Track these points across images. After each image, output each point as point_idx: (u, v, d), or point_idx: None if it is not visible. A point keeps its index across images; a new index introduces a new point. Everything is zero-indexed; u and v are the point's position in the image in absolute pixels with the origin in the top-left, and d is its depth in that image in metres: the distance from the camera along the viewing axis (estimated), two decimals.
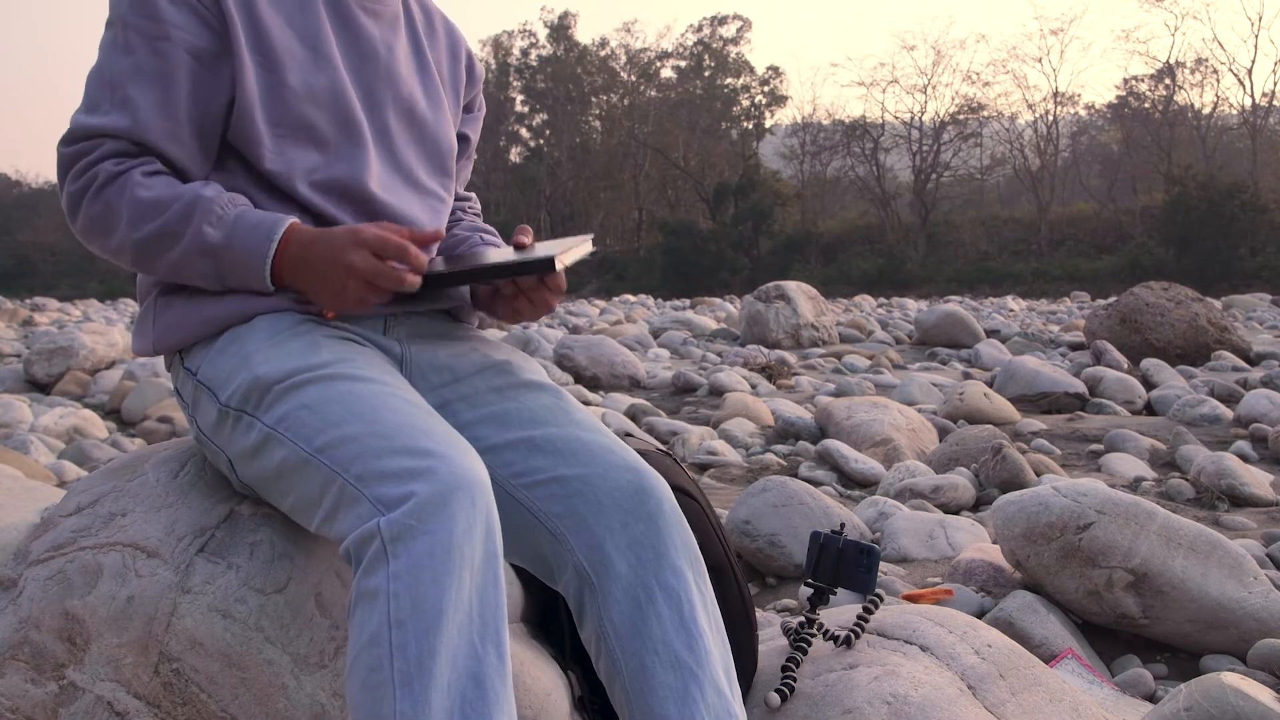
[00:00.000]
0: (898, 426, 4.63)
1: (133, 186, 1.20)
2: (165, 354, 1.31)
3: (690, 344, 9.89)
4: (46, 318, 15.75)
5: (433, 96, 1.42)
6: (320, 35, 1.30)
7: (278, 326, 1.21)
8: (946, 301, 20.35)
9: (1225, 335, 8.33)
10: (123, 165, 1.21)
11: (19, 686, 1.19)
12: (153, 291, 1.32)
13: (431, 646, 0.95)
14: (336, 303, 1.20)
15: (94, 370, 7.16)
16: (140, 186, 1.20)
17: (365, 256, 1.16)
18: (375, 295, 1.19)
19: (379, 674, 0.95)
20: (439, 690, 0.94)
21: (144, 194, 1.20)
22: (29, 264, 45.98)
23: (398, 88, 1.36)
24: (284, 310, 1.24)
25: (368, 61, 1.34)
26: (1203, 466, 3.63)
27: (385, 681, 0.94)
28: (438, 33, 1.49)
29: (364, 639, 0.97)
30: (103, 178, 1.21)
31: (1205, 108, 41.45)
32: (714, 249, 36.83)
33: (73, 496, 1.36)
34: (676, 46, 50.09)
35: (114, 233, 1.21)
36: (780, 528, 2.66)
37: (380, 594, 0.97)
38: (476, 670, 0.97)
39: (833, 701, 1.28)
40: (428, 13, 1.49)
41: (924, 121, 44.01)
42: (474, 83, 1.55)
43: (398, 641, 0.95)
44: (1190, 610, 2.03)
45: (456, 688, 0.95)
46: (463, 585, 0.98)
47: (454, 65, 1.50)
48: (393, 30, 1.38)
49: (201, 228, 1.19)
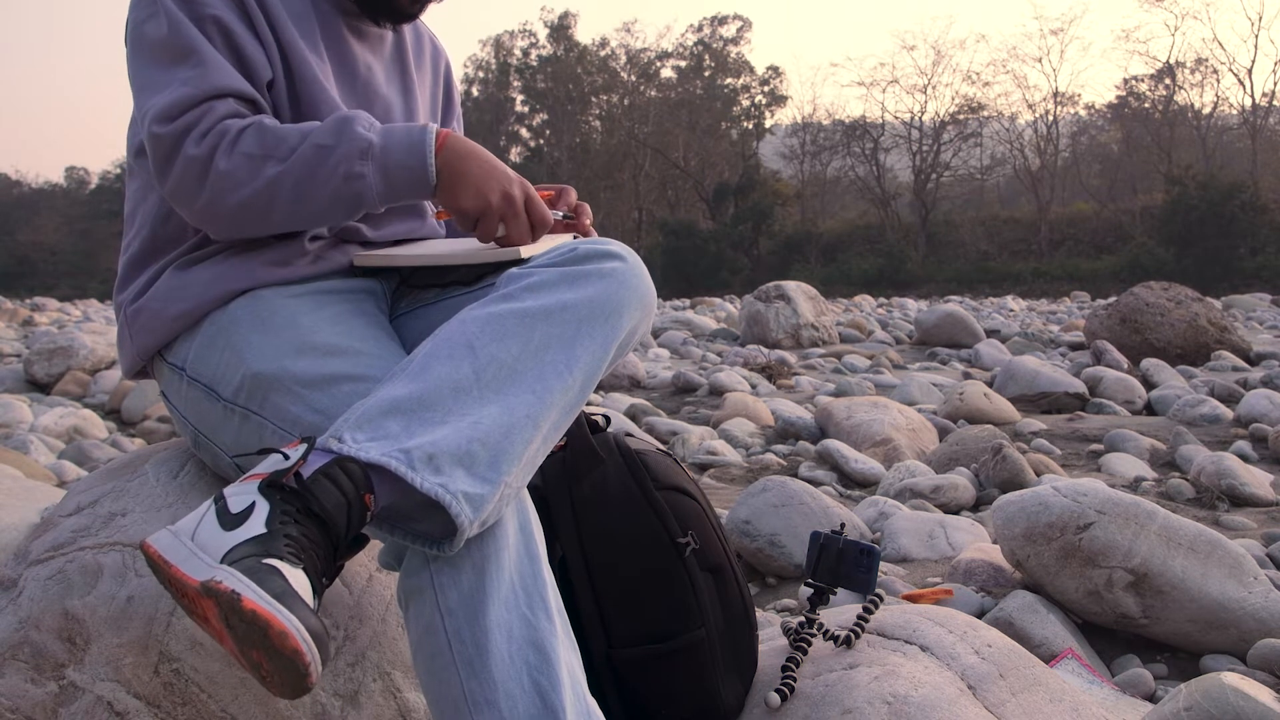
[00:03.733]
0: (898, 426, 4.63)
1: (268, 129, 1.20)
2: (148, 358, 1.31)
3: (690, 344, 9.88)
4: (46, 318, 15.74)
5: (410, 114, 1.49)
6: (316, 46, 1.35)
7: (259, 309, 1.22)
8: (946, 301, 20.35)
9: (1225, 335, 8.33)
10: (247, 119, 1.21)
11: (19, 686, 1.19)
12: (122, 307, 1.33)
13: (484, 626, 1.00)
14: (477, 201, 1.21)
15: (94, 370, 7.16)
16: (276, 126, 1.20)
17: (527, 186, 1.25)
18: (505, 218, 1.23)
19: (441, 659, 1.00)
20: (500, 664, 0.99)
21: (284, 129, 1.20)
22: (29, 264, 45.95)
23: (372, 104, 1.42)
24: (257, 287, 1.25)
25: (350, 78, 1.40)
26: (1203, 466, 3.63)
27: (449, 665, 1.00)
28: (425, 53, 1.57)
29: (420, 628, 1.02)
30: (233, 132, 1.19)
31: (1205, 108, 41.49)
32: (714, 249, 36.82)
33: (73, 496, 1.36)
34: (676, 46, 50.12)
35: (257, 177, 1.18)
36: (780, 528, 2.66)
37: (426, 589, 1.02)
38: (534, 637, 1.02)
39: (833, 701, 1.28)
40: (418, 32, 1.56)
41: (924, 121, 44.04)
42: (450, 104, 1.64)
43: (452, 628, 1.00)
44: (1190, 610, 2.03)
45: (520, 657, 1.00)
46: (502, 565, 1.03)
47: (435, 82, 1.58)
48: (375, 52, 1.45)
49: (355, 130, 1.19)
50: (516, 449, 1.03)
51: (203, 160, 1.18)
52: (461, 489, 0.98)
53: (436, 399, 1.02)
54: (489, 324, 1.07)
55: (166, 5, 1.23)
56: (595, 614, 1.29)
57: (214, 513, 0.95)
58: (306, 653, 0.84)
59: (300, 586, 0.88)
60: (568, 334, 1.09)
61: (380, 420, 1.00)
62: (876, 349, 9.56)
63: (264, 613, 0.83)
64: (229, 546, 0.90)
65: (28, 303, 22.54)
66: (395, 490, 0.99)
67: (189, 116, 1.19)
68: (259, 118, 1.21)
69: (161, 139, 1.19)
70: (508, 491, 1.03)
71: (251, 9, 1.28)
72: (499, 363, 1.05)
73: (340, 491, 0.95)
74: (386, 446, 0.98)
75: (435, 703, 1.02)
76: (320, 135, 1.18)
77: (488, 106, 48.91)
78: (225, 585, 0.85)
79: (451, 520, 0.98)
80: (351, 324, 1.22)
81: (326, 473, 0.95)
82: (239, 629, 0.85)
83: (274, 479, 0.95)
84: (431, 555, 1.02)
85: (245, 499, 0.94)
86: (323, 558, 0.94)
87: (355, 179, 1.18)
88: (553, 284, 1.11)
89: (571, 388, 1.09)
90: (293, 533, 0.92)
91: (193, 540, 0.93)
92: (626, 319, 1.15)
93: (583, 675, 1.06)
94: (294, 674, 0.85)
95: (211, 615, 0.88)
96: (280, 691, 0.88)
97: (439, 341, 1.07)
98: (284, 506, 0.94)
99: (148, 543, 0.95)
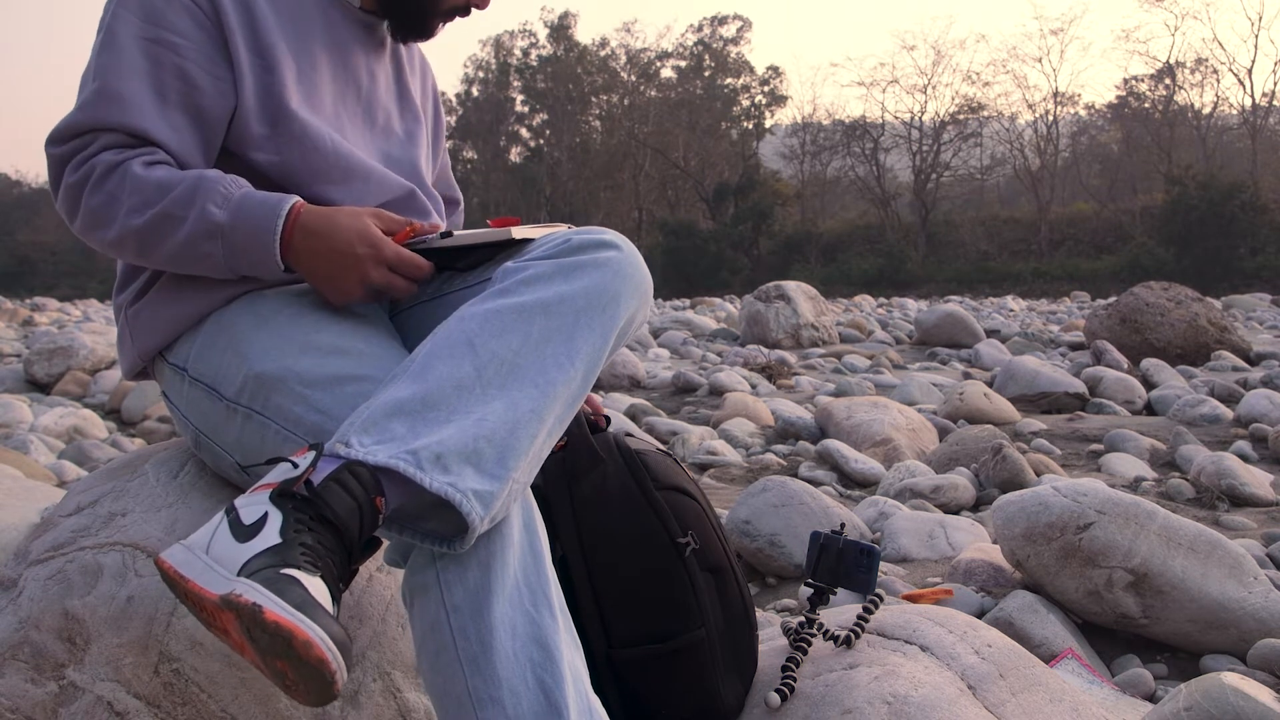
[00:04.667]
0: (898, 426, 4.63)
1: (133, 175, 1.20)
2: (149, 359, 1.31)
3: (690, 344, 9.88)
4: (46, 318, 15.74)
5: (408, 120, 1.50)
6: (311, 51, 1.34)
7: (261, 308, 1.22)
8: (946, 301, 20.34)
9: (1225, 335, 8.32)
10: (122, 155, 1.21)
11: (19, 686, 1.19)
12: (122, 308, 1.33)
13: (489, 623, 1.00)
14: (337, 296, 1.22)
15: (94, 370, 7.16)
16: (140, 174, 1.20)
17: (382, 272, 1.20)
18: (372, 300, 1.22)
19: (445, 655, 1.00)
20: (504, 660, 0.99)
21: (145, 181, 1.20)
22: (29, 264, 45.96)
23: (374, 113, 1.43)
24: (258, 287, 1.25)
25: (355, 87, 1.41)
26: (1203, 466, 3.63)
27: (453, 662, 1.00)
28: (415, 63, 1.59)
29: (425, 625, 1.03)
30: (101, 168, 1.20)
31: (1205, 108, 41.49)
32: (714, 249, 36.82)
33: (73, 496, 1.36)
34: (676, 46, 50.12)
35: (114, 223, 1.21)
36: (780, 528, 2.66)
37: (432, 586, 1.03)
38: (538, 634, 1.02)
39: (833, 701, 1.28)
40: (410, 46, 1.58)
41: (924, 121, 44.03)
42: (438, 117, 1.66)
43: (457, 625, 1.00)
44: (1190, 610, 2.03)
45: (524, 654, 1.00)
46: (507, 562, 1.03)
47: (423, 94, 1.60)
48: (378, 59, 1.46)
49: (206, 208, 1.19)
50: (522, 444, 1.03)
51: (74, 191, 1.22)
52: (471, 487, 0.98)
53: (440, 398, 1.02)
54: (488, 320, 1.07)
55: (125, 18, 1.23)
56: (595, 614, 1.29)
57: (227, 525, 0.94)
58: (331, 661, 0.84)
59: (320, 595, 0.88)
60: (566, 326, 1.09)
61: (385, 423, 1.00)
62: (876, 349, 9.56)
63: (287, 623, 0.83)
64: (245, 558, 0.90)
65: (28, 303, 22.54)
66: (405, 491, 1.00)
67: (74, 144, 1.22)
68: (130, 161, 1.21)
69: (50, 160, 1.24)
70: (515, 487, 1.03)
71: (230, 27, 1.26)
72: (500, 359, 1.05)
73: (351, 496, 0.95)
74: (394, 449, 0.98)
75: (439, 699, 1.02)
76: (174, 203, 1.19)
77: (488, 106, 48.90)
78: (246, 598, 0.85)
79: (462, 519, 0.98)
80: (353, 323, 1.22)
81: (337, 478, 0.95)
82: (262, 641, 0.85)
83: (284, 488, 0.95)
84: (439, 553, 1.03)
85: (257, 510, 0.94)
86: (338, 564, 0.95)
87: (203, 256, 1.21)
88: (548, 276, 1.11)
89: (573, 379, 1.09)
90: (308, 541, 0.92)
91: (207, 554, 0.93)
92: (624, 308, 1.14)
93: (586, 672, 1.06)
94: (320, 682, 0.85)
95: (232, 628, 0.88)
96: (306, 700, 0.88)
97: (439, 340, 1.07)
98: (297, 515, 0.94)
99: (162, 558, 0.95)
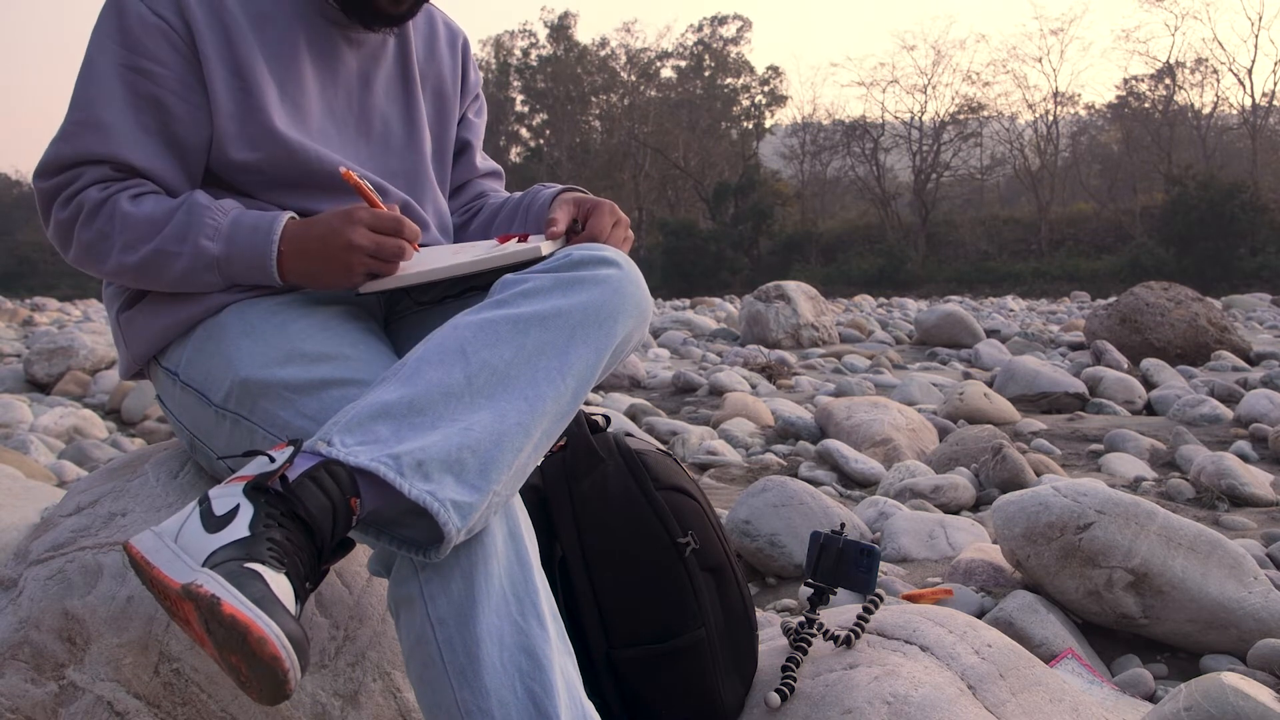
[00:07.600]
0: (898, 426, 4.63)
1: (121, 211, 1.20)
2: (143, 364, 1.31)
3: (690, 344, 9.88)
4: (46, 318, 15.74)
5: (411, 120, 1.44)
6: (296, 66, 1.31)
7: (250, 316, 1.22)
8: (946, 301, 20.33)
9: (1225, 335, 8.32)
10: (108, 190, 1.21)
11: (19, 686, 1.19)
12: (114, 309, 1.33)
13: (476, 634, 0.99)
14: (344, 281, 1.21)
15: (94, 370, 7.16)
16: (129, 210, 1.20)
17: (364, 232, 1.18)
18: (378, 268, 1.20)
19: (433, 669, 1.00)
20: (493, 672, 0.98)
21: (134, 217, 1.20)
22: (29, 264, 45.96)
23: (369, 121, 1.39)
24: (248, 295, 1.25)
25: (344, 96, 1.37)
26: (1203, 466, 3.63)
27: (441, 675, 0.99)
28: (438, 42, 1.50)
29: (412, 639, 1.02)
30: (90, 205, 1.20)
31: (1205, 108, 41.50)
32: (714, 249, 36.81)
33: (73, 496, 1.36)
34: (676, 46, 50.16)
35: (108, 258, 1.22)
36: (780, 528, 2.66)
37: (416, 598, 1.01)
38: (526, 644, 1.01)
39: (833, 701, 1.28)
40: (430, 21, 1.50)
41: (924, 121, 44.05)
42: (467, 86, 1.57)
43: (443, 638, 0.99)
44: (1190, 610, 2.03)
45: (512, 665, 0.99)
46: (491, 573, 1.02)
47: (454, 66, 1.52)
48: (376, 61, 1.40)
49: (200, 243, 1.19)
50: (507, 457, 1.02)
51: (65, 226, 1.23)
52: (450, 497, 0.97)
53: (427, 404, 1.01)
54: (482, 329, 1.06)
55: (105, 46, 1.23)
56: (595, 614, 1.28)
57: (198, 514, 0.94)
58: (285, 659, 0.83)
59: (282, 592, 0.87)
60: (561, 340, 1.08)
61: (370, 424, 0.99)
62: (876, 349, 9.55)
63: (243, 618, 0.82)
64: (211, 549, 0.89)
65: (28, 303, 22.54)
66: (382, 495, 0.99)
67: (61, 178, 1.22)
68: (118, 196, 1.21)
69: (39, 193, 1.25)
70: (496, 500, 1.02)
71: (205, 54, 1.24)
72: (491, 368, 1.04)
73: (326, 495, 0.94)
74: (375, 451, 0.97)
75: (429, 712, 1.01)
76: (166, 240, 1.19)
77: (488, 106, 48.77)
78: (205, 589, 0.84)
79: (438, 528, 0.97)
80: (341, 329, 1.21)
81: (312, 476, 0.95)
82: (218, 634, 0.84)
83: (259, 481, 0.94)
84: (420, 563, 1.02)
85: (230, 501, 0.93)
86: (306, 562, 0.93)
87: (203, 284, 1.23)
88: (546, 290, 1.10)
89: (564, 395, 1.08)
90: (276, 536, 0.91)
91: (175, 542, 0.92)
92: (620, 326, 1.14)
93: (579, 679, 1.05)
94: (272, 680, 0.84)
95: (192, 618, 0.87)
96: (259, 698, 0.87)
97: (431, 346, 1.06)
98: (268, 510, 0.93)
99: (130, 543, 0.94)
